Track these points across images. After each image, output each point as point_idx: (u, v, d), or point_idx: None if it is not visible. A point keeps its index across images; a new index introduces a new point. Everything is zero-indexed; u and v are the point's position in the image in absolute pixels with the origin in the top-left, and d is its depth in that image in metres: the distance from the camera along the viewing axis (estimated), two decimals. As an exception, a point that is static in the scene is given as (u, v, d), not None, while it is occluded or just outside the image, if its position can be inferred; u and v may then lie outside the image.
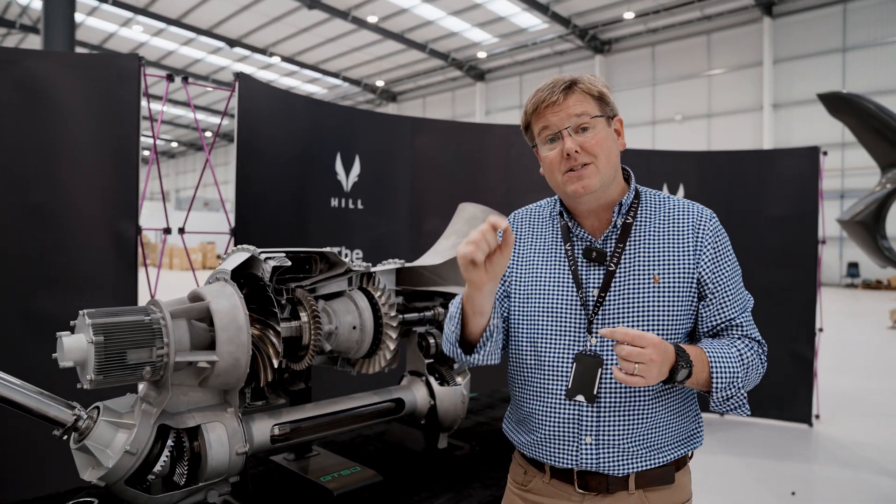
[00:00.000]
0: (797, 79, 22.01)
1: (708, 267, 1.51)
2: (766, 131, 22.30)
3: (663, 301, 1.50)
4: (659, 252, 1.53)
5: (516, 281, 1.64)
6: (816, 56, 21.66)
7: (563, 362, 1.54)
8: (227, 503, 1.71)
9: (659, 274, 1.51)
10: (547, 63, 28.88)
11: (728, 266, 1.55)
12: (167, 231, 3.58)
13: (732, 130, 23.18)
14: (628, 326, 1.48)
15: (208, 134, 38.31)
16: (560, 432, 1.54)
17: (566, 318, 1.55)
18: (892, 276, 21.11)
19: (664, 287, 1.50)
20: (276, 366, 1.67)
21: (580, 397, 1.50)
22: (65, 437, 1.47)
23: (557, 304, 1.56)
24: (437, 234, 4.92)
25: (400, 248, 4.70)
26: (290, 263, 1.74)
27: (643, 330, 1.45)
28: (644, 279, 1.51)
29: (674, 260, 1.52)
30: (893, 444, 5.70)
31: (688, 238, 1.53)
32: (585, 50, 26.96)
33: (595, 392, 1.48)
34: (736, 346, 1.50)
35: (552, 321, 1.56)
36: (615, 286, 1.52)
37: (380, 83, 33.77)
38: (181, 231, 3.64)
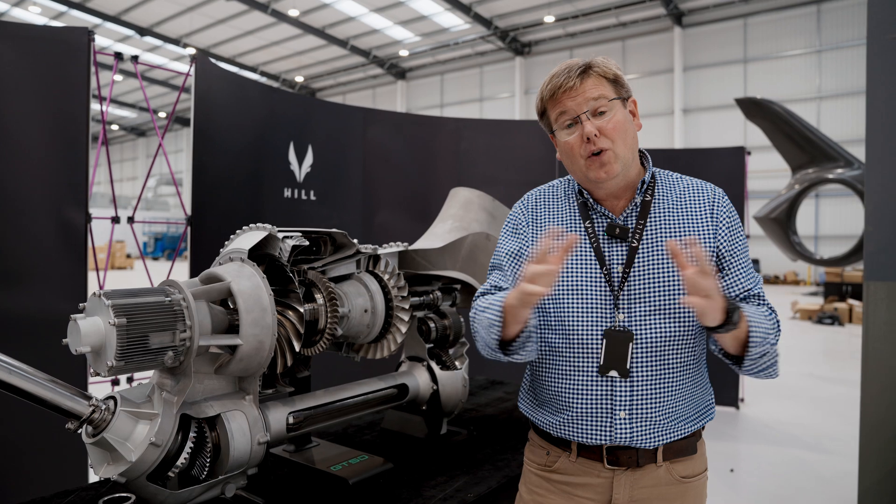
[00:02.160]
0: (704, 86, 23.35)
1: (726, 241, 1.56)
2: (677, 134, 23.52)
3: None
4: (678, 228, 1.56)
5: None
6: (722, 65, 23.05)
7: (592, 340, 1.53)
8: (238, 497, 1.62)
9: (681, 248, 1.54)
10: (468, 63, 29.21)
11: (742, 240, 1.61)
12: (115, 220, 3.33)
13: (645, 133, 24.17)
14: (652, 301, 1.50)
15: (161, 115, 35.91)
16: (593, 409, 1.54)
17: (593, 295, 1.55)
18: (787, 271, 22.77)
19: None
20: (297, 349, 1.59)
21: (613, 373, 1.51)
22: (78, 431, 1.33)
23: (583, 282, 1.56)
24: (390, 227, 4.93)
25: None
26: (307, 243, 1.66)
27: (666, 303, 1.49)
28: (666, 255, 1.54)
29: (693, 235, 1.55)
30: (810, 421, 6.16)
31: (706, 214, 1.58)
32: (506, 51, 27.44)
33: (628, 366, 1.50)
34: (761, 310, 1.56)
35: (579, 299, 1.55)
36: (638, 262, 1.54)
37: (299, 79, 33.01)
38: (130, 220, 3.40)
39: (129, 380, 3.26)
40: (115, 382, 3.44)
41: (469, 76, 29.59)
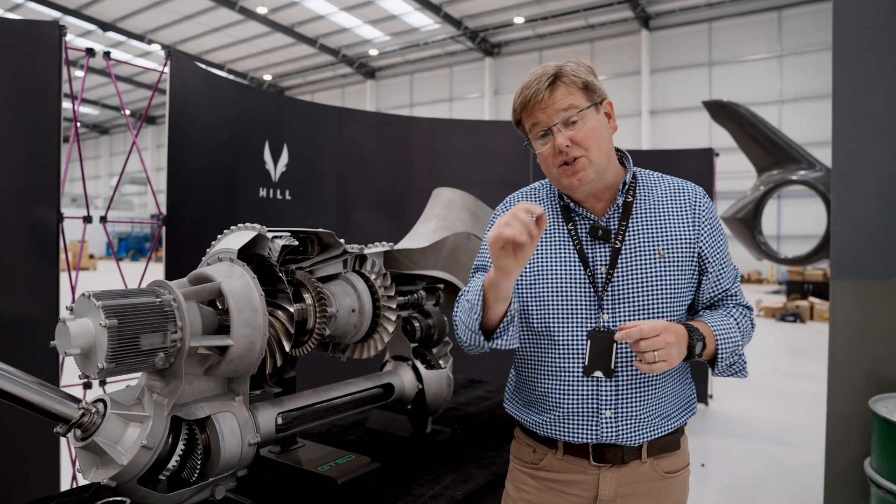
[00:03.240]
0: (671, 88, 23.78)
1: (707, 242, 1.60)
2: (644, 136, 23.90)
3: (668, 275, 1.56)
4: (661, 228, 1.59)
5: None
6: (688, 68, 23.50)
7: (577, 341, 1.55)
8: (228, 499, 1.61)
9: (664, 249, 1.57)
10: (438, 63, 29.24)
11: (722, 240, 1.65)
12: (87, 220, 3.26)
13: (614, 136, 24.60)
14: (636, 301, 1.53)
15: (127, 113, 35.02)
16: (579, 408, 1.55)
17: (577, 296, 1.56)
18: (751, 270, 23.32)
19: (669, 262, 1.56)
20: (287, 350, 1.59)
21: (598, 373, 1.52)
22: (66, 435, 1.31)
23: (566, 283, 1.57)
24: (366, 227, 4.91)
25: (329, 240, 4.57)
26: (297, 243, 1.66)
27: (650, 304, 1.52)
28: (649, 255, 1.57)
29: (676, 236, 1.58)
30: (776, 415, 6.34)
31: (687, 214, 1.61)
32: (476, 52, 27.54)
33: (612, 366, 1.53)
34: (732, 316, 1.61)
35: (563, 301, 1.57)
36: (622, 263, 1.56)
37: (267, 77, 32.64)
38: (103, 220, 3.33)
39: (102, 384, 3.18)
40: (87, 386, 3.37)
41: (439, 76, 29.62)
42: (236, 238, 1.60)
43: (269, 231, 1.63)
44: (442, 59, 29.01)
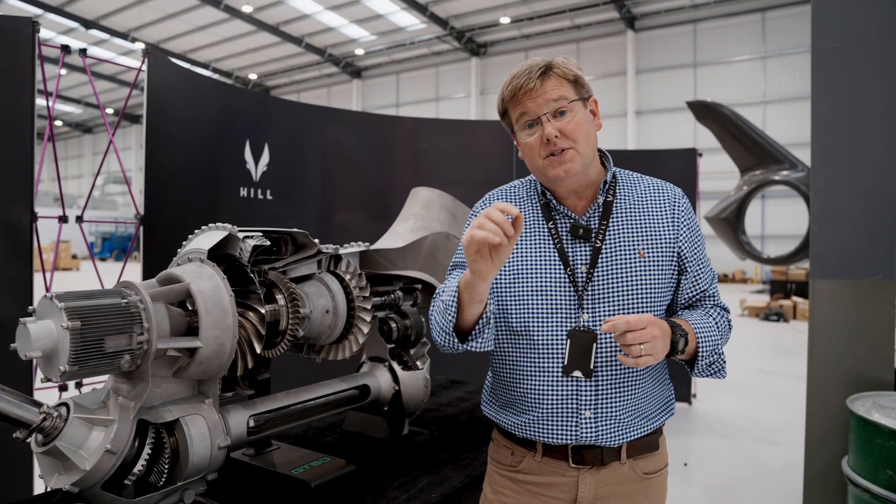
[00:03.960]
0: (656, 88, 23.92)
1: (686, 242, 1.59)
2: (630, 136, 24.01)
3: (648, 275, 1.55)
4: (641, 228, 1.59)
5: None
6: (673, 69, 23.65)
7: (556, 340, 1.53)
8: (198, 503, 1.58)
9: (643, 249, 1.57)
10: (424, 63, 29.21)
11: (700, 240, 1.65)
12: (63, 219, 3.21)
13: (600, 134, 24.64)
14: (616, 301, 1.52)
15: (109, 112, 34.49)
16: (558, 409, 1.54)
17: (556, 296, 1.54)
18: (735, 270, 23.51)
19: (649, 261, 1.55)
20: (258, 352, 1.57)
21: (577, 373, 1.51)
22: (27, 440, 1.28)
23: (546, 282, 1.56)
24: (349, 226, 4.88)
25: (311, 240, 4.55)
26: (269, 243, 1.63)
27: (630, 303, 1.51)
28: (629, 254, 1.56)
29: (656, 235, 1.58)
30: (759, 414, 6.38)
31: (667, 214, 1.60)
32: (462, 52, 27.54)
33: (592, 367, 1.51)
34: (711, 315, 1.61)
35: (543, 300, 1.55)
36: (602, 262, 1.55)
37: (252, 76, 32.44)
38: (79, 220, 3.28)
39: (79, 385, 3.14)
40: (63, 388, 3.32)
41: (425, 76, 29.59)
42: (207, 238, 1.58)
43: (240, 231, 1.60)
44: (428, 59, 28.99)
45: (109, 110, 35.67)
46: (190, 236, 1.64)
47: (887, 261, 3.13)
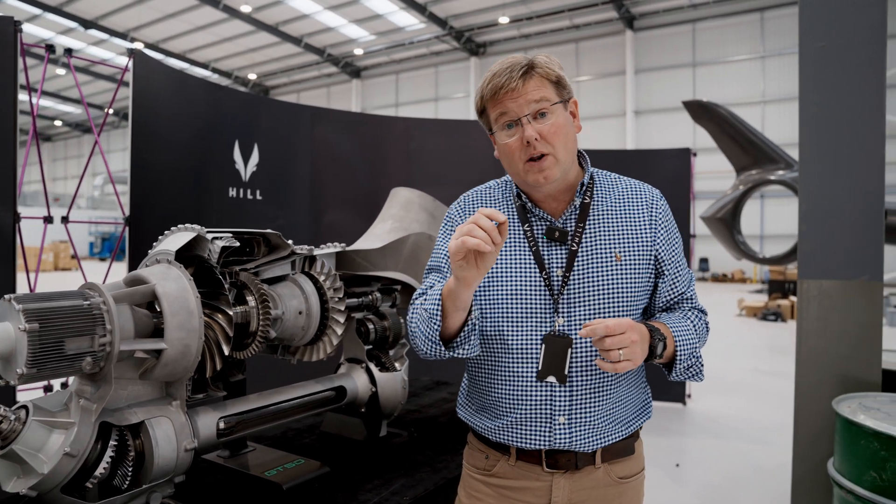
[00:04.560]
0: (655, 88, 23.92)
1: (664, 245, 1.57)
2: (629, 136, 24.01)
3: (625, 278, 1.52)
4: (617, 231, 1.56)
5: None
6: (672, 69, 23.65)
7: (531, 345, 1.51)
8: (167, 506, 1.57)
9: (620, 252, 1.54)
10: (423, 63, 29.21)
11: (678, 243, 1.62)
12: (48, 220, 3.20)
13: (598, 134, 24.70)
14: (592, 305, 1.49)
15: (109, 111, 34.44)
16: (533, 414, 1.52)
17: (532, 299, 1.52)
18: (735, 269, 23.48)
19: (625, 265, 1.53)
20: (227, 353, 1.55)
21: (551, 378, 1.48)
22: (-15, 443, 1.27)
23: (522, 286, 1.53)
24: (339, 226, 4.87)
25: (300, 240, 4.52)
26: (238, 244, 1.62)
27: (606, 307, 1.49)
28: (605, 258, 1.53)
29: (632, 238, 1.55)
30: (753, 415, 6.36)
31: (643, 217, 1.57)
32: (461, 52, 27.53)
33: (566, 372, 1.49)
34: (689, 319, 1.59)
35: (518, 304, 1.52)
36: (578, 265, 1.52)
37: (252, 76, 32.45)
38: (65, 220, 3.27)
39: (64, 385, 3.13)
40: (49, 388, 3.31)
41: (424, 76, 29.59)
42: (175, 239, 1.57)
43: (208, 232, 1.59)
44: (427, 59, 28.99)
45: (110, 110, 35.66)
46: (160, 237, 1.63)
47: (875, 261, 3.11)
